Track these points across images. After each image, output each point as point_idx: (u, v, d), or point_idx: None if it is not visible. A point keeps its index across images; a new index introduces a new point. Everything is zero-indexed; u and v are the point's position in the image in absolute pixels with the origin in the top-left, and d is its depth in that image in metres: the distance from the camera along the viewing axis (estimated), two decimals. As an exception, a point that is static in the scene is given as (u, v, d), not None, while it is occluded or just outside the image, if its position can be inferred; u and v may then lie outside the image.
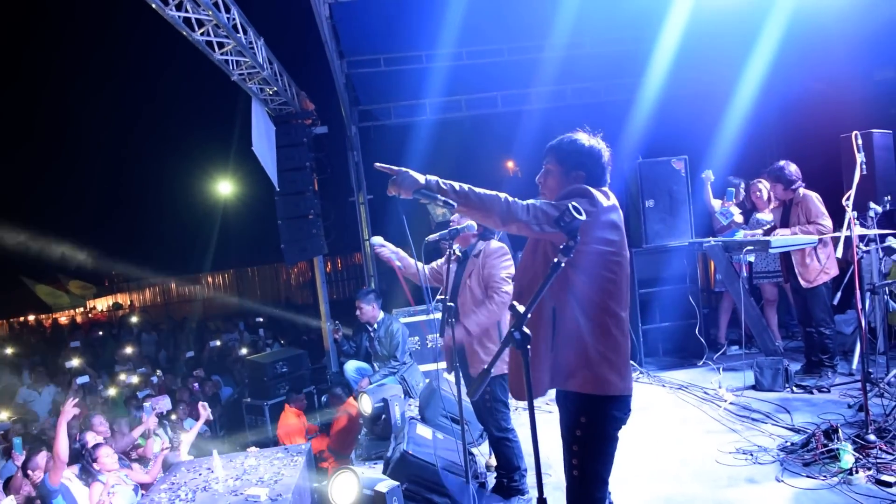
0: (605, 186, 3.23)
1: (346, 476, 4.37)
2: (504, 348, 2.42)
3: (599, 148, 3.27)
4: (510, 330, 2.26)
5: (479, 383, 2.44)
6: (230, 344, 13.11)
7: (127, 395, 9.33)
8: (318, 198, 10.02)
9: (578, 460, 3.04)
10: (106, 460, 6.26)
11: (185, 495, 5.10)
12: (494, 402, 4.83)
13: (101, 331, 16.91)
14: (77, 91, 20.18)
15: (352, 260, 26.99)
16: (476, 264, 4.92)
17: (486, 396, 4.77)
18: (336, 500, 4.28)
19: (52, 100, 22.81)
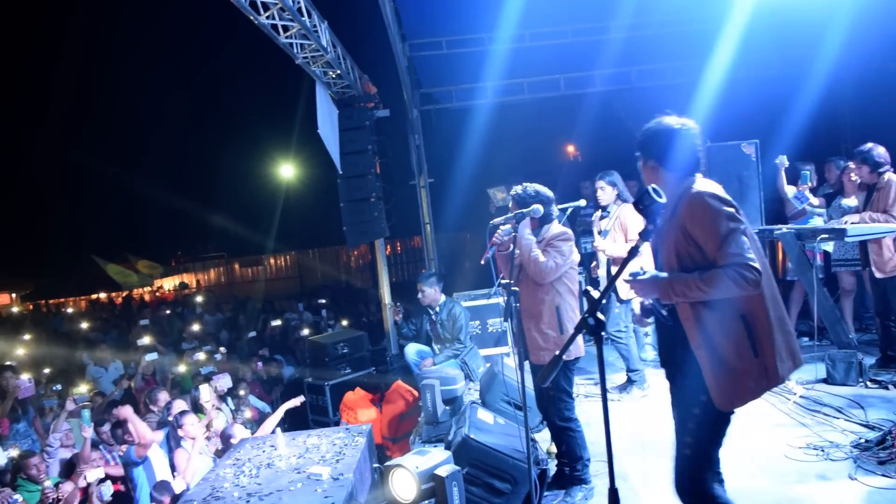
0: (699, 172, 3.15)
1: (400, 472, 4.41)
2: (577, 335, 2.37)
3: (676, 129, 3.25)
4: (584, 316, 2.20)
5: (550, 370, 2.39)
6: (292, 324, 13.30)
7: (193, 372, 9.56)
8: (379, 181, 10.05)
9: (693, 439, 3.08)
10: (190, 428, 6.45)
11: (250, 471, 5.19)
12: (558, 392, 4.77)
13: (169, 309, 17.35)
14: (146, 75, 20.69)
15: (411, 243, 27.09)
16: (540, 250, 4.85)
17: (549, 385, 4.72)
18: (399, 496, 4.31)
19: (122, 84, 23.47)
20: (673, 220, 3.07)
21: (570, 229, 4.98)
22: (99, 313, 19.14)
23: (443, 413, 6.37)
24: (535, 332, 4.77)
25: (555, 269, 4.71)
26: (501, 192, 9.53)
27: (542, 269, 4.68)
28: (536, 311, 4.79)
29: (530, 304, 4.80)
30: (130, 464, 6.13)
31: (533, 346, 4.78)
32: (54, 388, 8.67)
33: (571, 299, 4.83)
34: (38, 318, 19.67)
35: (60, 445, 7.16)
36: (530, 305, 4.79)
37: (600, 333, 2.18)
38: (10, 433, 7.66)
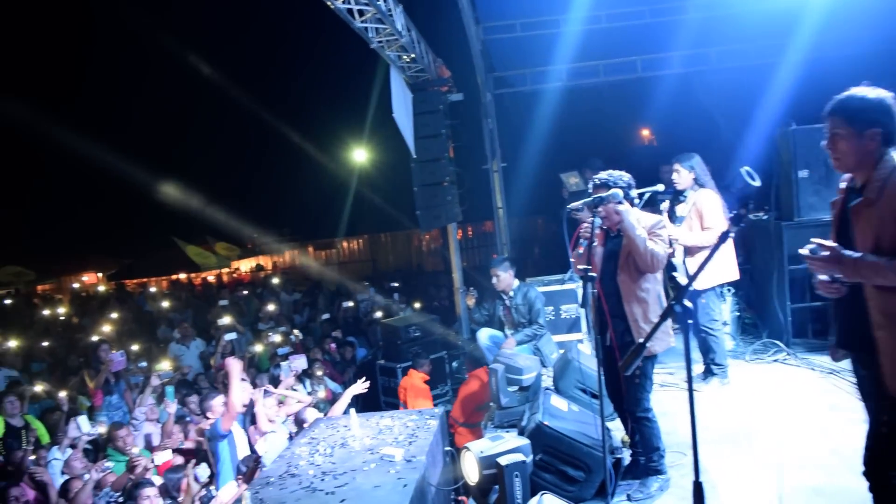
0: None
1: (467, 455, 4.42)
2: (662, 323, 2.30)
3: (890, 101, 3.00)
4: (671, 303, 2.14)
5: (634, 358, 2.34)
6: (364, 307, 13.46)
7: (270, 352, 9.79)
8: (452, 165, 10.04)
9: (889, 417, 2.96)
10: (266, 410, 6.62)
11: (324, 450, 5.28)
12: (643, 380, 4.69)
13: (246, 290, 17.80)
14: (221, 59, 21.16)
15: (482, 228, 27.03)
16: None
17: (636, 372, 4.62)
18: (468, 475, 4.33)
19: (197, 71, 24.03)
20: (880, 200, 2.90)
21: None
22: (179, 293, 19.75)
23: (510, 398, 6.35)
24: (644, 322, 4.67)
25: (664, 259, 4.63)
26: (574, 176, 9.39)
27: (658, 261, 4.61)
28: (642, 300, 4.71)
29: (633, 293, 4.72)
30: (216, 437, 6.31)
31: (641, 336, 4.66)
32: (139, 364, 9.00)
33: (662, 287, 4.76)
34: (122, 297, 20.45)
35: (145, 419, 7.43)
36: (634, 295, 4.71)
37: (687, 322, 2.12)
38: (104, 404, 8.02)
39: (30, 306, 20.69)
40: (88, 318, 14.77)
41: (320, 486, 4.55)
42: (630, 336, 4.70)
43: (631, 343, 4.66)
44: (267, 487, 4.68)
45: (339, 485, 4.54)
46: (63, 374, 9.85)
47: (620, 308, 4.71)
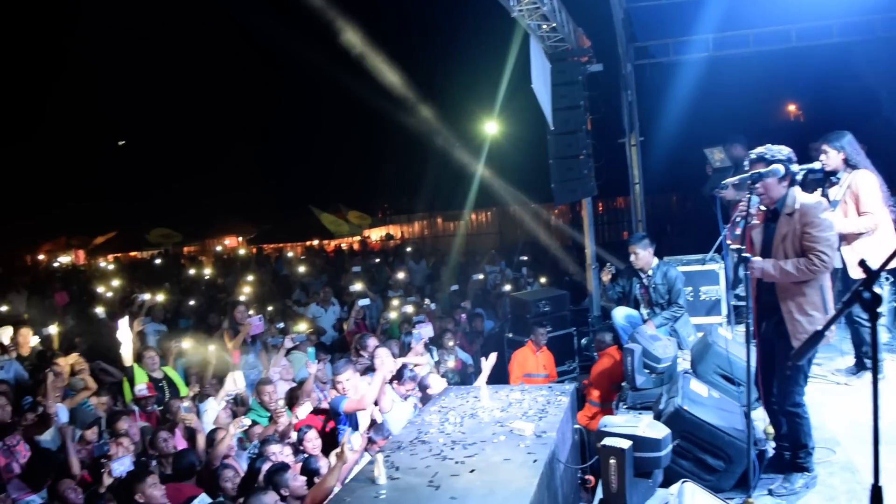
0: None
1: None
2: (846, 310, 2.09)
3: None
4: (858, 289, 1.93)
5: (808, 347, 2.15)
6: (493, 279, 13.45)
7: (400, 320, 9.93)
8: (590, 137, 9.79)
9: None
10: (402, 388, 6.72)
11: (454, 419, 5.29)
12: (797, 373, 4.39)
13: (377, 258, 18.19)
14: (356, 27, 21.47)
15: (613, 204, 26.41)
16: (792, 226, 4.37)
17: (788, 364, 4.33)
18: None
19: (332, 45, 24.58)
20: None
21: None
22: (313, 259, 20.44)
23: (645, 380, 6.14)
24: (799, 314, 4.36)
25: (831, 254, 4.30)
26: (719, 152, 8.92)
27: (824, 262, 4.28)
28: (800, 291, 4.38)
29: (790, 283, 4.41)
30: (336, 412, 6.49)
31: (796, 329, 4.36)
32: (277, 326, 9.36)
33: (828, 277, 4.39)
34: (261, 261, 21.40)
35: (280, 378, 7.71)
36: (792, 284, 4.40)
37: (876, 310, 1.91)
38: (241, 363, 8.40)
39: (177, 266, 22.04)
40: (231, 278, 15.51)
41: (450, 455, 4.56)
42: (784, 326, 4.39)
43: (785, 334, 4.35)
44: (398, 452, 4.74)
45: (468, 455, 4.53)
46: (206, 332, 10.39)
47: (774, 295, 4.40)
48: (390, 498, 4.03)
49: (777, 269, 4.28)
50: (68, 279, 19.40)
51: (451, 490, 4.04)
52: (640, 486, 4.55)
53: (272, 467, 5.23)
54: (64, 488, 5.30)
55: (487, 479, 4.12)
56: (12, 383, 7.46)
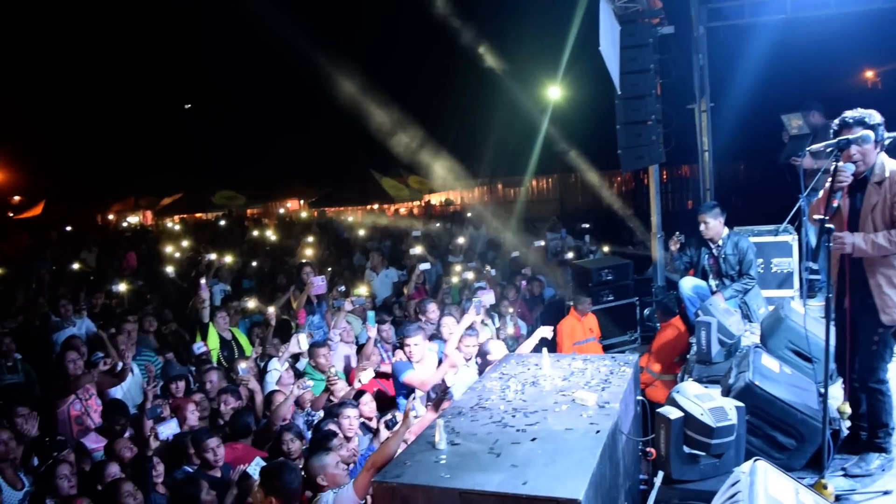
0: None
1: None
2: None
3: None
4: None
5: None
6: (553, 247, 13.30)
7: (461, 285, 9.90)
8: (659, 102, 9.49)
9: None
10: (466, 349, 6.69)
11: (515, 387, 5.24)
12: (883, 349, 4.19)
13: (438, 223, 18.18)
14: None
15: (678, 172, 25.77)
16: (882, 195, 4.14)
17: (874, 339, 4.14)
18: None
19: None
20: None
21: None
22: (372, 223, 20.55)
23: (717, 353, 5.97)
24: (889, 287, 4.20)
25: None
26: (797, 118, 8.53)
27: None
28: (889, 264, 4.21)
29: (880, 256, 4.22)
30: (397, 378, 6.52)
31: (885, 303, 4.18)
32: (338, 288, 9.44)
33: None
34: (322, 224, 21.62)
35: (340, 340, 7.77)
36: (880, 258, 4.22)
37: None
38: (306, 324, 8.51)
39: (241, 228, 22.45)
40: (293, 241, 15.71)
41: (511, 423, 4.52)
42: (871, 299, 4.18)
43: (872, 308, 4.15)
44: (458, 418, 4.71)
45: (529, 423, 4.48)
46: (270, 292, 10.54)
47: (861, 269, 4.19)
48: (451, 463, 4.01)
49: (868, 243, 4.07)
50: (137, 239, 19.97)
51: (511, 458, 3.99)
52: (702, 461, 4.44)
53: (319, 434, 5.28)
54: (120, 447, 5.45)
55: (549, 448, 4.07)
56: (84, 339, 7.71)
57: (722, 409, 4.18)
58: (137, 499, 4.59)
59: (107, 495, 4.60)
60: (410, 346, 6.50)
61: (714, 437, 4.23)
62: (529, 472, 3.76)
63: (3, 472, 5.00)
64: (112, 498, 4.54)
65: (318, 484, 4.41)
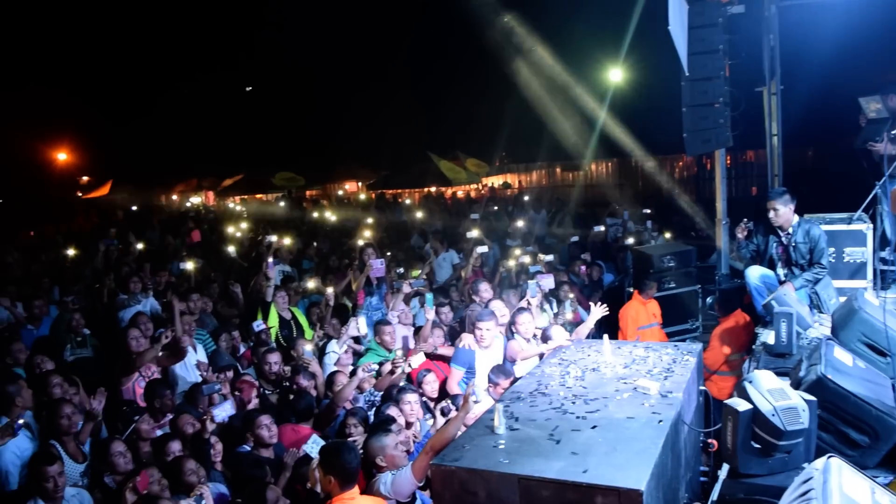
0: None
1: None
2: None
3: None
4: None
5: None
6: (614, 232, 13.10)
7: (517, 269, 9.81)
8: (727, 85, 9.19)
9: None
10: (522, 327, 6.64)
11: (575, 373, 5.19)
12: None
13: (496, 206, 18.08)
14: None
15: (743, 157, 25.06)
16: None
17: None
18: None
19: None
20: None
21: None
22: (431, 205, 20.58)
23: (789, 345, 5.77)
24: None
25: None
26: (876, 102, 8.15)
27: None
28: None
29: None
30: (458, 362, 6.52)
31: None
32: (397, 270, 9.47)
33: None
34: (381, 206, 21.77)
35: (398, 322, 7.79)
36: None
37: None
38: (365, 304, 8.58)
39: (300, 209, 22.74)
40: (351, 223, 15.83)
41: (571, 409, 4.47)
42: None
43: None
44: (517, 403, 4.68)
45: (589, 410, 4.43)
46: (328, 273, 10.64)
47: None
48: (509, 448, 3.99)
49: None
50: (199, 219, 20.40)
51: (571, 445, 3.95)
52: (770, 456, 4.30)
53: (380, 417, 5.30)
54: (183, 423, 5.56)
55: (610, 437, 4.01)
56: (149, 315, 7.89)
57: (795, 409, 4.02)
58: (200, 476, 4.69)
59: (171, 471, 4.71)
60: (482, 329, 6.47)
61: (783, 439, 4.09)
62: (590, 461, 3.72)
63: (66, 445, 5.16)
64: (176, 474, 4.64)
65: (376, 464, 4.43)
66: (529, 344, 6.79)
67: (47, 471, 4.44)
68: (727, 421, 4.26)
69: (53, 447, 5.04)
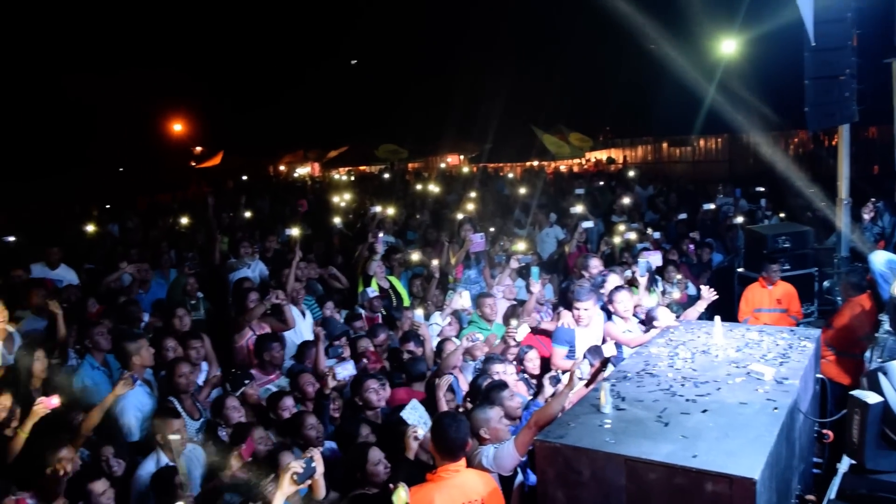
0: None
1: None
2: None
3: None
4: None
5: None
6: (725, 210, 12.61)
7: (622, 246, 9.60)
8: (855, 56, 8.63)
9: None
10: (620, 305, 6.51)
11: (684, 354, 5.05)
12: None
13: (602, 181, 17.70)
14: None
15: (864, 133, 23.62)
16: None
17: None
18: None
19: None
20: None
21: None
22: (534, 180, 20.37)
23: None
24: None
25: None
26: None
27: None
28: None
29: None
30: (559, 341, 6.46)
31: None
32: (500, 244, 9.44)
33: None
34: (483, 180, 21.71)
35: (502, 297, 7.77)
36: None
37: None
38: (463, 278, 8.61)
39: (403, 181, 22.96)
40: (454, 196, 15.84)
41: (680, 392, 4.37)
42: None
43: None
44: (623, 382, 4.60)
45: (700, 393, 4.31)
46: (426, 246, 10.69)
47: None
48: (616, 428, 3.92)
49: None
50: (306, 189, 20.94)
51: (680, 428, 3.85)
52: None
53: (491, 384, 5.30)
54: (304, 381, 5.74)
55: (722, 422, 3.89)
56: (257, 281, 8.14)
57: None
58: (319, 431, 4.85)
59: (291, 425, 4.87)
60: (580, 309, 6.36)
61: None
62: (700, 445, 3.61)
63: (183, 402, 5.41)
64: (296, 427, 4.80)
65: (480, 436, 4.44)
66: (628, 324, 6.62)
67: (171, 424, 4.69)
68: (853, 413, 4.04)
69: (171, 403, 5.31)
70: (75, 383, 5.75)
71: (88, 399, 5.52)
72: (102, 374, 5.89)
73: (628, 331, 6.51)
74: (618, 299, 6.56)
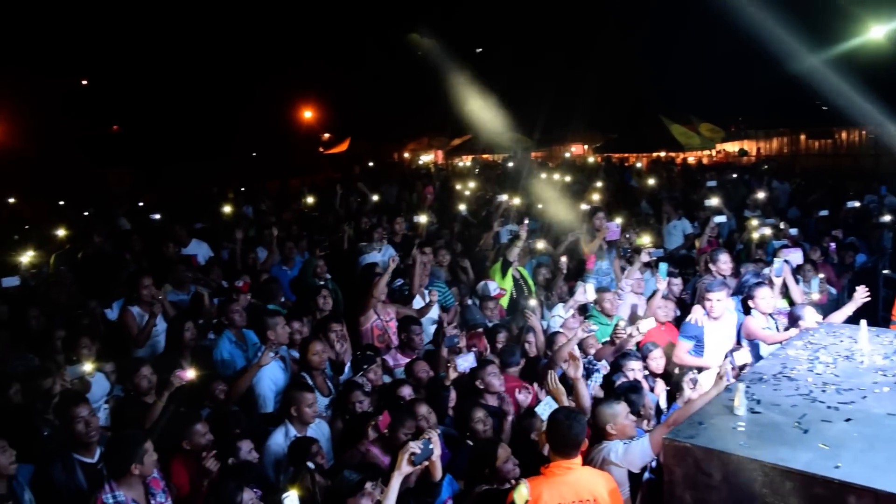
0: None
1: None
2: None
3: None
4: None
5: None
6: (870, 207, 11.80)
7: (757, 242, 9.16)
8: None
9: None
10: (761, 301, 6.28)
11: (825, 359, 4.83)
12: None
13: (735, 173, 16.92)
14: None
15: None
16: None
17: None
18: None
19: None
20: None
21: None
22: (662, 171, 19.80)
23: None
24: None
25: None
26: None
27: None
28: None
29: None
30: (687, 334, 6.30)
31: None
32: (628, 235, 9.22)
33: None
34: (609, 170, 21.29)
35: (630, 290, 7.61)
36: None
37: None
38: (595, 268, 8.48)
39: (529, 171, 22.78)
40: (579, 186, 15.57)
41: (821, 398, 4.19)
42: None
43: None
44: (759, 384, 4.46)
45: (843, 401, 4.13)
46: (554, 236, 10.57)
47: None
48: (750, 432, 3.81)
49: None
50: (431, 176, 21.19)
51: (821, 436, 3.70)
52: None
53: (626, 384, 5.23)
54: (419, 369, 5.86)
55: (867, 433, 3.70)
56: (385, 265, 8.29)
57: None
58: (430, 421, 4.90)
59: (405, 411, 5.01)
60: (712, 300, 6.16)
61: None
62: (843, 456, 3.46)
63: (315, 378, 5.64)
64: (410, 413, 4.92)
65: (606, 432, 4.37)
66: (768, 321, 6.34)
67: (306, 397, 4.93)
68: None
69: (304, 378, 5.55)
70: (214, 356, 6.12)
71: (225, 372, 5.90)
72: (238, 349, 6.23)
73: (767, 328, 6.24)
74: (759, 294, 6.31)
